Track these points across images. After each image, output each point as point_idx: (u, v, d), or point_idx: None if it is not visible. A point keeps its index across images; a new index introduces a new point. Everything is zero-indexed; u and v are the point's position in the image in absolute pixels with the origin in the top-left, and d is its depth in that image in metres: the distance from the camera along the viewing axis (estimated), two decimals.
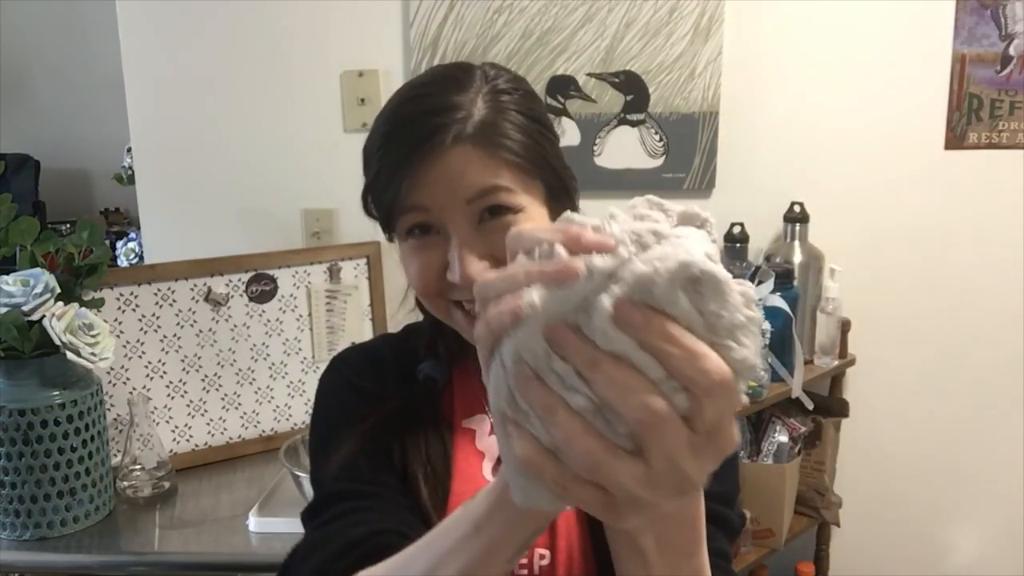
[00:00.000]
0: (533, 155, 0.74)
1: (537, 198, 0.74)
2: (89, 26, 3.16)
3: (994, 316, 1.88)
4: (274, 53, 1.84)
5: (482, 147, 0.71)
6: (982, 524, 1.99)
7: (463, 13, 1.79)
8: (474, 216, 0.71)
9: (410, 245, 0.75)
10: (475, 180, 0.71)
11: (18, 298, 1.21)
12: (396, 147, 0.73)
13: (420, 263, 0.75)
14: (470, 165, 0.71)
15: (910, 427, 1.97)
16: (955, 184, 1.84)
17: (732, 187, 1.85)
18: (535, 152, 0.74)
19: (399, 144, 0.73)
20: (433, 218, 0.72)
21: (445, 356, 0.83)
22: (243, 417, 1.61)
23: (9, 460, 1.24)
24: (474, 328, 0.43)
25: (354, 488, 0.74)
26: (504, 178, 0.71)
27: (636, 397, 0.38)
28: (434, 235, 0.73)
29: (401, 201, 0.72)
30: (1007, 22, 1.78)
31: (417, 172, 0.71)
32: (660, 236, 0.41)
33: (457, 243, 0.71)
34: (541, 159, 0.75)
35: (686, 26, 1.77)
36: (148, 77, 1.88)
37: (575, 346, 0.39)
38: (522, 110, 0.75)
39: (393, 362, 0.84)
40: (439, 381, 0.82)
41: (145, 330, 1.50)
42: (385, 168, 0.73)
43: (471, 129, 0.71)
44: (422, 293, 0.76)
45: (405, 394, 0.81)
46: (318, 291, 1.66)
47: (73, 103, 3.27)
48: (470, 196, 0.70)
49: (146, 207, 1.94)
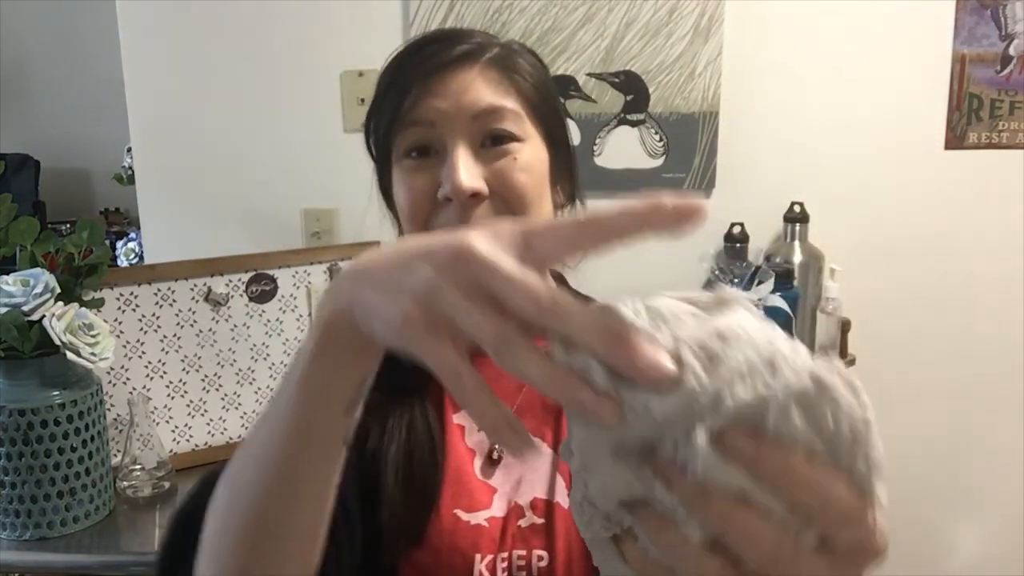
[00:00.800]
0: (544, 96, 0.74)
1: (540, 136, 0.74)
2: (89, 26, 3.16)
3: (994, 316, 1.88)
4: (274, 53, 1.84)
5: (497, 71, 0.72)
6: (982, 524, 1.99)
7: (463, 13, 1.79)
8: (477, 137, 0.70)
9: (405, 166, 0.73)
10: (483, 96, 0.70)
11: (18, 298, 1.21)
12: (409, 63, 0.72)
13: (412, 183, 0.72)
14: (481, 83, 0.70)
15: (910, 427, 1.96)
16: (955, 184, 1.84)
17: (732, 187, 1.85)
18: (545, 94, 0.75)
19: (413, 60, 0.72)
20: (435, 135, 0.71)
21: None
22: (243, 417, 1.61)
23: (9, 460, 1.24)
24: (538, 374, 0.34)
25: None
26: (514, 102, 0.71)
27: (764, 544, 0.33)
28: (432, 156, 0.72)
29: (404, 115, 0.71)
30: (1007, 22, 1.78)
31: (426, 85, 0.70)
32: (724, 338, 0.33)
33: (454, 151, 0.69)
34: (550, 104, 0.75)
35: (686, 26, 1.77)
36: (148, 77, 1.88)
37: (678, 480, 0.33)
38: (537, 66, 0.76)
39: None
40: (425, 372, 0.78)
41: (145, 330, 1.50)
42: (395, 83, 0.72)
43: (489, 55, 0.72)
44: (409, 218, 0.73)
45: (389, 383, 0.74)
46: (318, 291, 1.66)
47: (73, 103, 3.27)
48: (476, 112, 0.70)
49: (146, 207, 1.94)
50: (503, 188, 0.71)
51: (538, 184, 0.73)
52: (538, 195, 0.73)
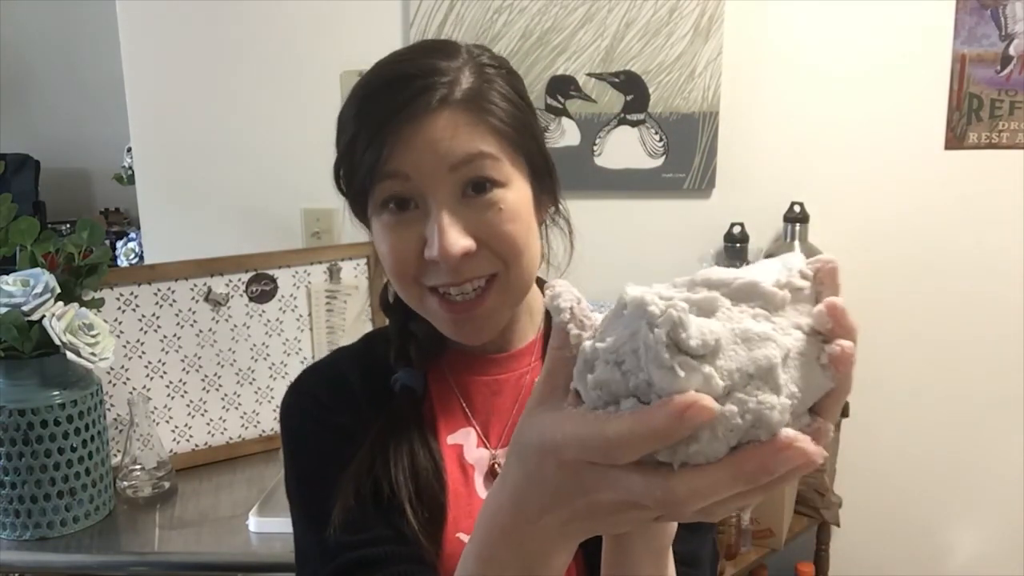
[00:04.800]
0: (520, 126, 0.71)
1: (521, 174, 0.71)
2: (89, 26, 3.16)
3: (994, 316, 1.88)
4: (274, 53, 1.84)
5: (469, 112, 0.68)
6: (982, 524, 1.99)
7: (463, 13, 1.79)
8: (457, 188, 0.67)
9: (384, 221, 0.69)
10: (461, 145, 0.66)
11: (18, 298, 1.21)
12: (376, 109, 0.68)
13: (395, 240, 0.69)
14: (456, 129, 0.67)
15: (910, 427, 1.97)
16: (955, 184, 1.84)
17: (732, 187, 1.85)
18: (521, 124, 0.71)
19: (379, 106, 0.68)
20: (413, 188, 0.67)
21: (418, 361, 0.77)
22: (243, 417, 1.61)
23: (9, 460, 1.24)
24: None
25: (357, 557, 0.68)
26: (491, 145, 0.68)
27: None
28: (412, 210, 0.68)
29: (380, 167, 0.67)
30: (1007, 22, 1.78)
31: (399, 135, 0.66)
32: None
33: (438, 213, 0.66)
34: (527, 132, 0.72)
35: (686, 26, 1.77)
36: (148, 77, 1.88)
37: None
38: (508, 84, 0.72)
39: (360, 382, 0.77)
40: (417, 390, 0.75)
41: (145, 330, 1.50)
42: (363, 131, 0.68)
43: (458, 94, 0.68)
44: (396, 275, 0.71)
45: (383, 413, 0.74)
46: (318, 291, 1.66)
47: (73, 103, 3.27)
48: (455, 162, 0.66)
49: (146, 207, 1.94)
50: (492, 240, 0.68)
51: (526, 228, 0.71)
52: (526, 239, 0.70)
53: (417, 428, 0.74)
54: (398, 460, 0.71)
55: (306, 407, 0.77)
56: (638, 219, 1.83)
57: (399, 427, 0.73)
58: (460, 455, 0.76)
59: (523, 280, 0.72)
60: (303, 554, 0.74)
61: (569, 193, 0.81)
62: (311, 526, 0.72)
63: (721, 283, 0.37)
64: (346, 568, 0.68)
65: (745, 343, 0.36)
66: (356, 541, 0.68)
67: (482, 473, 0.75)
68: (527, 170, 0.72)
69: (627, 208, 1.84)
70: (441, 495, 0.72)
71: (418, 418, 0.75)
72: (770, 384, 0.35)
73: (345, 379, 0.77)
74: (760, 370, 0.35)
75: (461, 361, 0.78)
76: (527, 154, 0.72)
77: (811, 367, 0.37)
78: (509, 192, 0.69)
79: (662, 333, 0.35)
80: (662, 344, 0.35)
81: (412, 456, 0.72)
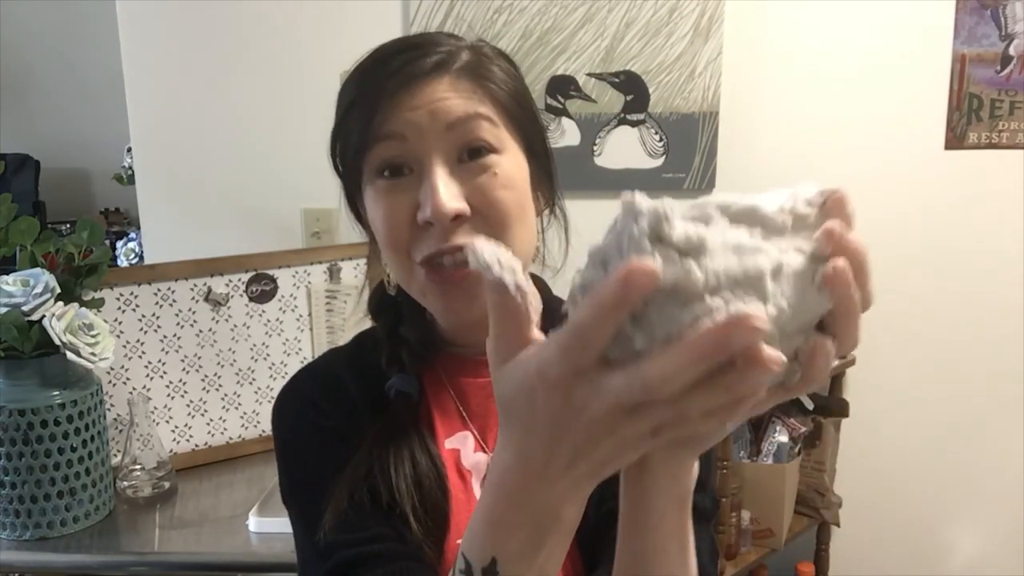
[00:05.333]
0: (519, 101, 0.71)
1: (519, 146, 0.71)
2: (89, 26, 3.16)
3: (994, 316, 1.88)
4: (274, 53, 1.84)
5: (469, 79, 0.68)
6: (982, 524, 2.00)
7: (463, 13, 1.79)
8: (453, 152, 0.67)
9: (378, 187, 0.69)
10: (459, 105, 0.66)
11: (18, 298, 1.21)
12: (374, 76, 0.68)
13: (387, 206, 0.68)
14: (453, 92, 0.67)
15: (910, 427, 1.97)
16: (955, 184, 1.84)
17: (732, 187, 1.85)
18: (521, 99, 0.72)
19: (377, 73, 0.68)
20: (407, 151, 0.67)
21: (411, 365, 0.75)
22: (243, 417, 1.61)
23: (9, 460, 1.24)
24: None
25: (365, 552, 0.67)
26: (489, 109, 0.68)
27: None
28: (406, 175, 0.68)
29: (374, 129, 0.67)
30: (1007, 22, 1.78)
31: (395, 97, 0.66)
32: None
33: (432, 173, 0.66)
34: (526, 108, 0.72)
35: (686, 26, 1.77)
36: (148, 77, 1.88)
37: None
38: (508, 65, 0.73)
39: (355, 384, 0.76)
40: (412, 395, 0.74)
41: (145, 330, 1.50)
42: (360, 98, 0.68)
43: (458, 63, 0.68)
44: (389, 245, 0.70)
45: (378, 417, 0.73)
46: (318, 291, 1.66)
47: (73, 103, 3.27)
48: (450, 121, 0.66)
49: (146, 207, 1.94)
50: (485, 207, 0.67)
51: (520, 198, 0.70)
52: (520, 210, 0.70)
53: (417, 434, 0.73)
54: (399, 468, 0.70)
55: (301, 409, 0.76)
56: None
57: (398, 433, 0.72)
58: (457, 460, 0.75)
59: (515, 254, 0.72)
60: (302, 556, 0.73)
61: (569, 193, 0.81)
62: (309, 528, 0.71)
63: (723, 206, 0.38)
64: (344, 565, 0.67)
65: (736, 252, 0.36)
66: (352, 539, 0.67)
67: (479, 478, 0.74)
68: (524, 145, 0.72)
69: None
70: (444, 503, 0.71)
71: (416, 424, 0.74)
72: (757, 292, 0.35)
73: (340, 381, 0.76)
74: (748, 277, 0.35)
75: (455, 363, 0.78)
76: (524, 129, 0.72)
77: (806, 286, 0.37)
78: (504, 159, 0.69)
79: (645, 225, 0.35)
80: (644, 235, 0.35)
81: (414, 464, 0.71)
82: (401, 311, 0.78)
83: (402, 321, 0.77)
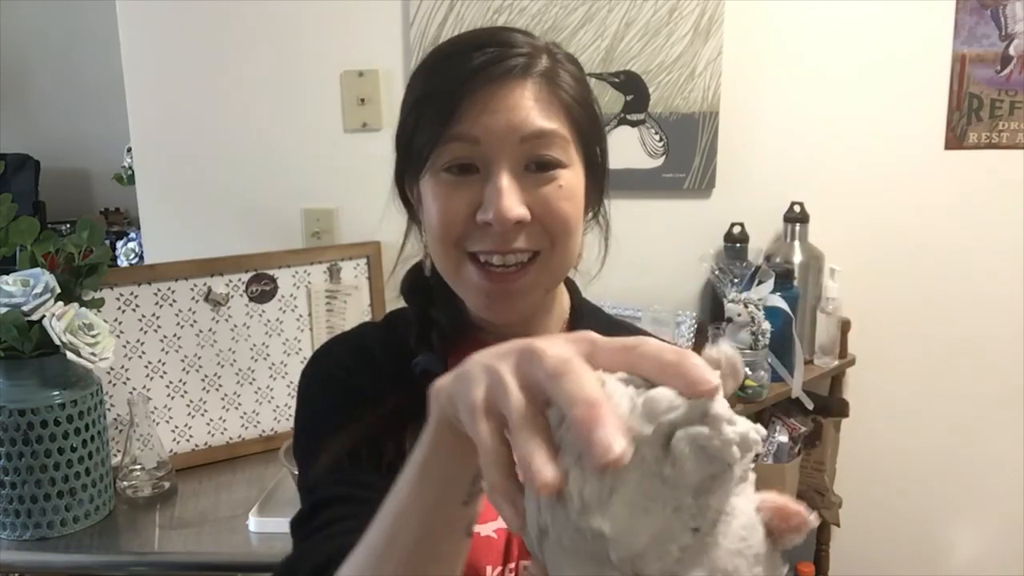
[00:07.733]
0: (588, 111, 0.72)
1: (581, 162, 0.72)
2: (89, 26, 3.16)
3: (994, 316, 1.88)
4: (274, 53, 1.84)
5: (547, 88, 0.68)
6: (982, 524, 1.99)
7: (463, 13, 1.79)
8: (521, 159, 0.67)
9: (442, 180, 0.69)
10: (536, 119, 0.67)
11: (18, 298, 1.21)
12: (451, 70, 0.68)
13: (446, 201, 0.68)
14: (531, 102, 0.67)
15: (910, 427, 1.97)
16: (955, 184, 1.84)
17: (732, 187, 1.85)
18: (589, 109, 0.72)
19: (455, 67, 0.67)
20: (478, 153, 0.67)
21: (439, 347, 0.77)
22: (243, 417, 1.61)
23: (9, 460, 1.24)
24: None
25: (343, 493, 0.68)
26: (563, 126, 0.69)
27: None
28: (473, 175, 0.68)
29: (449, 129, 0.67)
30: (1007, 22, 1.78)
31: (473, 97, 0.66)
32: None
33: (499, 177, 0.66)
34: (594, 118, 0.73)
35: (686, 26, 1.77)
36: (148, 77, 1.88)
37: None
38: (580, 75, 0.74)
39: (384, 357, 0.77)
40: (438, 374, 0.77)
41: (145, 330, 1.50)
42: (435, 91, 0.68)
43: (538, 68, 0.68)
44: (440, 238, 0.70)
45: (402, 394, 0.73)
46: (318, 291, 1.66)
47: (73, 103, 3.27)
48: (527, 134, 0.67)
49: (146, 207, 1.94)
50: (546, 216, 0.68)
51: (578, 210, 0.71)
52: (576, 222, 0.71)
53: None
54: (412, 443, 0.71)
55: (326, 367, 0.78)
56: (638, 219, 1.83)
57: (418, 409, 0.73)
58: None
59: (563, 265, 0.73)
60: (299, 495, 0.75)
61: None
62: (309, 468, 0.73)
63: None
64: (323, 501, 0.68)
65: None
66: (339, 479, 0.68)
67: None
68: (585, 158, 0.73)
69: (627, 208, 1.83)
70: None
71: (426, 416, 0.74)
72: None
73: (370, 350, 0.78)
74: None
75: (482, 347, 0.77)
76: (588, 143, 0.73)
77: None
78: (568, 172, 0.70)
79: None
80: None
81: None
82: (433, 293, 0.79)
83: (433, 303, 0.78)
